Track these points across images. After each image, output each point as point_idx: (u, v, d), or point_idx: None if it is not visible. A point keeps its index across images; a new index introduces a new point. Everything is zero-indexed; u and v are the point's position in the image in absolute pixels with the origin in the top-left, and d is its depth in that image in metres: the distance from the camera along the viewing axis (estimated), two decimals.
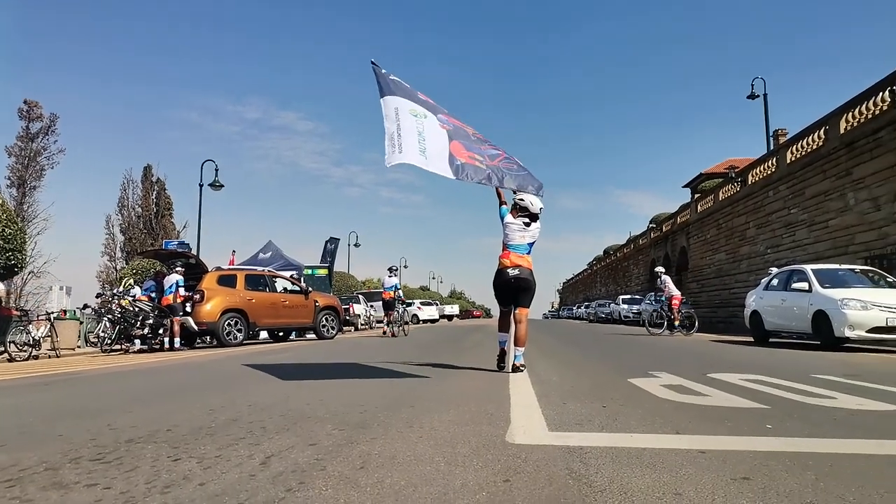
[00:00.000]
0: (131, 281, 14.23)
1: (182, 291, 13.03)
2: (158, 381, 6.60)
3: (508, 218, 6.17)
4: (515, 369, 5.96)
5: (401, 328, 17.87)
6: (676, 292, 16.40)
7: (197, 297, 13.25)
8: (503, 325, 6.44)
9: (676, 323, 16.08)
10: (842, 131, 17.78)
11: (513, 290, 6.12)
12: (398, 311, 17.94)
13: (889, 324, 9.51)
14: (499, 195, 6.40)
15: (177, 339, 12.60)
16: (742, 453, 2.62)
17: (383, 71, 5.94)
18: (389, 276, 18.40)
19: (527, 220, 6.12)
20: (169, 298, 12.83)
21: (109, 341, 12.81)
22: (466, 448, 2.79)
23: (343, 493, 2.11)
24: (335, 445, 2.87)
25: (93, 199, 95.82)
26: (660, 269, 17.19)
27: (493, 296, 6.40)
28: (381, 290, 19.35)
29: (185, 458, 2.65)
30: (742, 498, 2.00)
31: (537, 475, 2.32)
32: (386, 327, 18.06)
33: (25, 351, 11.38)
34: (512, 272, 6.02)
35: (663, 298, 16.38)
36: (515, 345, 6.16)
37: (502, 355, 6.36)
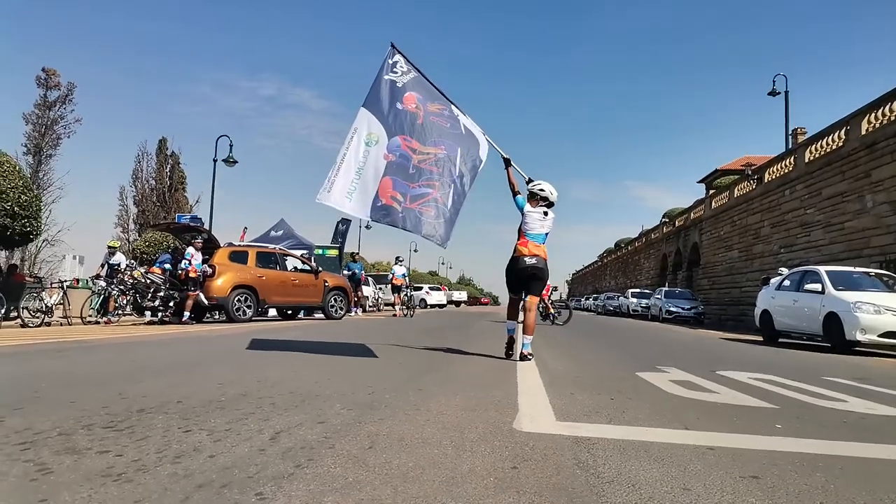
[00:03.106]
0: (116, 244, 14.29)
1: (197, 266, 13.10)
2: (169, 354, 6.67)
3: (528, 207, 6.15)
4: (523, 357, 5.97)
5: (410, 309, 20.65)
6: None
7: (208, 271, 13.32)
8: (512, 313, 6.44)
9: (550, 311, 16.63)
10: (863, 132, 17.51)
11: (527, 278, 6.13)
12: (407, 295, 20.75)
13: None
14: (512, 185, 6.37)
15: (186, 313, 12.66)
16: (751, 452, 2.61)
17: (391, 61, 6.27)
18: (398, 266, 21.39)
19: (546, 209, 6.13)
20: (196, 270, 12.79)
21: (96, 313, 12.87)
22: (474, 433, 2.79)
23: (352, 471, 2.12)
24: (343, 424, 2.88)
25: (106, 169, 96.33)
26: None
27: (502, 284, 6.47)
28: (391, 276, 21.84)
29: (195, 430, 2.67)
30: (751, 496, 1.99)
31: (545, 463, 2.32)
32: (396, 309, 20.54)
33: (38, 317, 11.52)
34: (529, 261, 6.04)
35: None
36: (524, 332, 6.17)
37: (511, 343, 6.37)
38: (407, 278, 21.62)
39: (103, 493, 1.83)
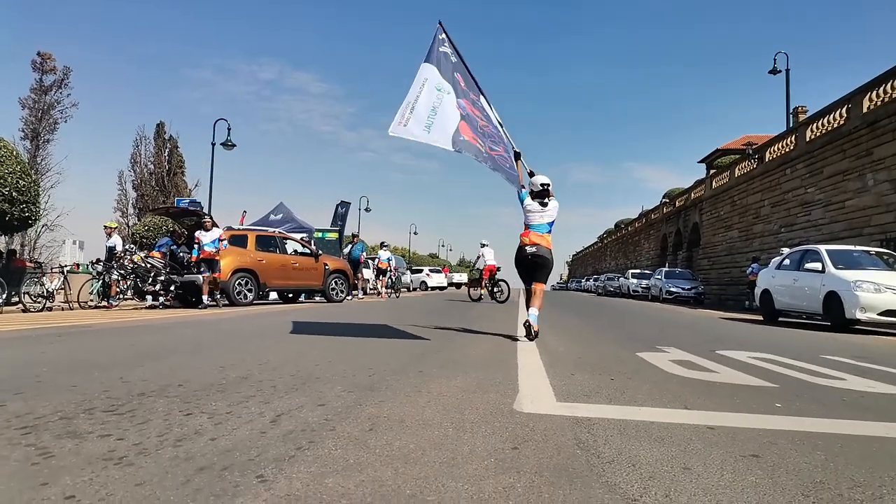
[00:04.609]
0: (113, 225, 14.36)
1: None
2: (170, 338, 6.68)
3: (527, 201, 6.45)
4: (528, 327, 6.13)
5: (395, 292, 22.83)
6: (489, 263, 17.23)
7: (224, 244, 13.19)
8: (528, 301, 6.61)
9: (485, 290, 17.35)
10: (864, 110, 17.38)
11: (530, 266, 6.39)
12: (392, 278, 22.53)
13: None
14: (519, 178, 6.55)
15: (205, 297, 12.58)
16: (751, 431, 2.62)
17: (441, 37, 6.49)
18: (383, 250, 22.42)
19: (544, 200, 6.41)
20: (211, 251, 12.69)
21: (97, 297, 12.90)
22: (474, 415, 2.80)
23: (353, 453, 2.13)
24: (344, 407, 2.89)
25: (105, 154, 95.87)
26: (483, 241, 18.07)
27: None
28: (377, 260, 22.69)
29: (196, 413, 2.68)
30: (751, 475, 2.00)
31: (545, 444, 2.33)
32: (382, 290, 21.90)
33: (39, 302, 11.55)
34: (530, 249, 6.33)
35: (480, 268, 17.58)
36: (531, 305, 6.35)
37: (528, 325, 6.43)
38: (391, 262, 22.68)
39: (104, 477, 1.84)
